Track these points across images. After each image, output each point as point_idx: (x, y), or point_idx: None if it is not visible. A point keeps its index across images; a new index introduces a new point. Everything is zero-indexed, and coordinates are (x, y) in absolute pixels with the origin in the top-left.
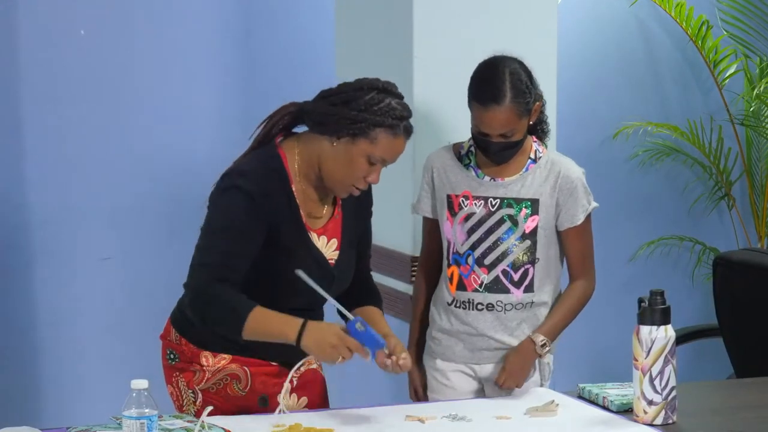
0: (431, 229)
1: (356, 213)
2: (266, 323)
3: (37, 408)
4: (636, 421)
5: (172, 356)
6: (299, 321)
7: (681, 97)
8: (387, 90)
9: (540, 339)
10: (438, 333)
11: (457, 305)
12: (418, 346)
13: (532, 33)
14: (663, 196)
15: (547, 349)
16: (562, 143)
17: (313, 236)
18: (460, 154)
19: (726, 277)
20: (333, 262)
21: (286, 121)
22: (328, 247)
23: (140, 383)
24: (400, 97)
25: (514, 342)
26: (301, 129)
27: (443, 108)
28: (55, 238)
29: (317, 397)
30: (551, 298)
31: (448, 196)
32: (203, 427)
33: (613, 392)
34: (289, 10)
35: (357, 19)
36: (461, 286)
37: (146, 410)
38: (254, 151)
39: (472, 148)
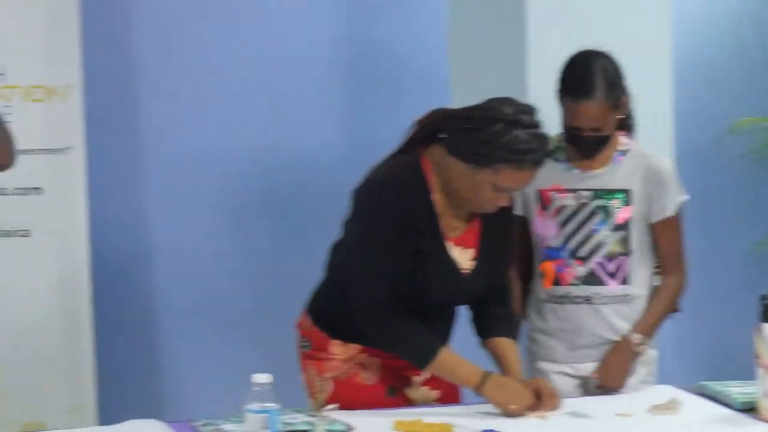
0: (521, 226)
1: (496, 222)
2: (451, 367)
3: (161, 401)
4: (761, 419)
5: (305, 344)
6: (481, 372)
7: None
8: (516, 121)
9: (636, 338)
10: (536, 334)
11: (553, 301)
12: None
13: (647, 28)
14: None
15: (644, 347)
16: (677, 139)
17: (449, 245)
18: None
19: None
20: (467, 271)
21: (430, 128)
22: (464, 257)
23: (262, 377)
24: (533, 125)
25: (614, 337)
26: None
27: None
28: (176, 233)
29: (449, 391)
30: (647, 291)
31: (538, 191)
32: (324, 421)
33: (737, 390)
34: (400, 6)
35: (470, 14)
36: (556, 281)
37: (268, 404)
38: (398, 157)
39: (561, 143)
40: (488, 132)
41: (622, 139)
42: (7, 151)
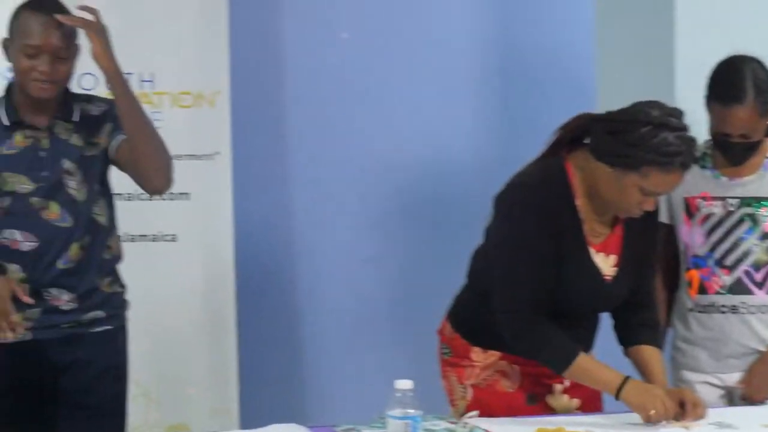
0: (667, 234)
1: (640, 228)
2: (590, 372)
3: (303, 405)
4: None
5: (445, 351)
6: (620, 377)
7: None
8: (664, 124)
9: None
10: (681, 343)
11: (699, 310)
12: None
13: None
14: None
15: None
16: None
17: (592, 251)
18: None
19: None
20: (610, 278)
21: (575, 133)
22: (606, 263)
23: (405, 383)
24: (681, 128)
25: (760, 347)
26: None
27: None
28: (319, 237)
29: (590, 400)
30: None
31: (685, 199)
32: (466, 428)
33: None
34: (547, 8)
35: (617, 18)
36: (702, 290)
37: (410, 410)
38: (541, 162)
39: (708, 150)
40: (635, 134)
41: None
42: (166, 174)
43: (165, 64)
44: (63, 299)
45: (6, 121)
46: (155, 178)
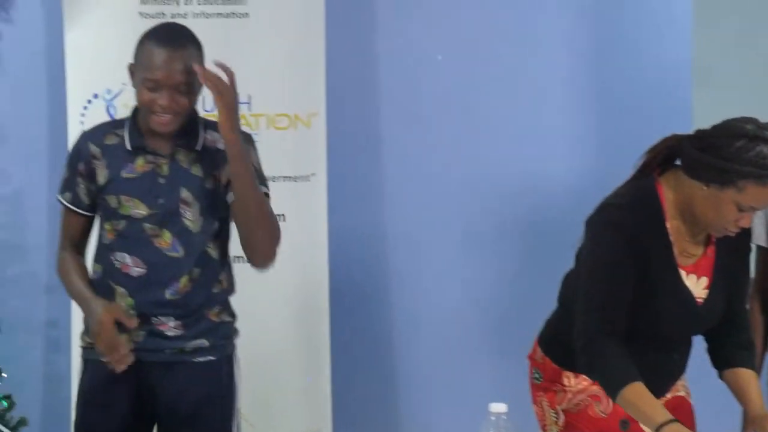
0: (764, 257)
1: (732, 249)
2: (639, 402)
3: (396, 427)
4: None
5: (537, 375)
6: (666, 417)
7: None
8: (759, 137)
9: None
10: None
11: None
12: None
13: None
14: None
15: None
16: None
17: (683, 274)
18: None
19: None
20: (701, 300)
21: (665, 154)
22: (698, 286)
23: (499, 407)
24: None
25: None
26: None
27: None
28: (413, 258)
29: (683, 425)
30: None
31: None
32: None
33: None
34: (643, 29)
35: (716, 38)
36: None
37: None
38: (632, 183)
39: None
40: (730, 149)
41: None
42: (271, 258)
43: (262, 86)
44: (169, 325)
45: (129, 146)
46: (257, 259)
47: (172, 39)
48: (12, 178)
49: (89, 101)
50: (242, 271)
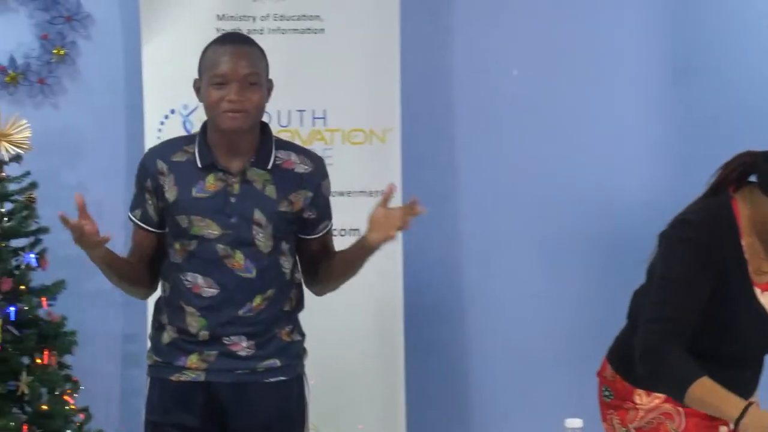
0: None
1: None
2: (710, 396)
3: None
4: None
5: (607, 393)
6: (742, 403)
7: None
8: None
9: None
10: None
11: None
12: None
13: None
14: None
15: None
16: None
17: (758, 291)
18: None
19: None
20: None
21: (740, 171)
22: None
23: (575, 422)
24: None
25: None
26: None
27: None
28: (488, 272)
29: None
30: None
31: None
32: None
33: None
34: (723, 42)
35: None
36: None
37: None
38: (707, 199)
39: None
40: None
41: None
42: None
43: (337, 101)
44: (241, 345)
45: (199, 163)
46: (320, 293)
47: (234, 38)
48: (90, 192)
49: (166, 117)
50: None
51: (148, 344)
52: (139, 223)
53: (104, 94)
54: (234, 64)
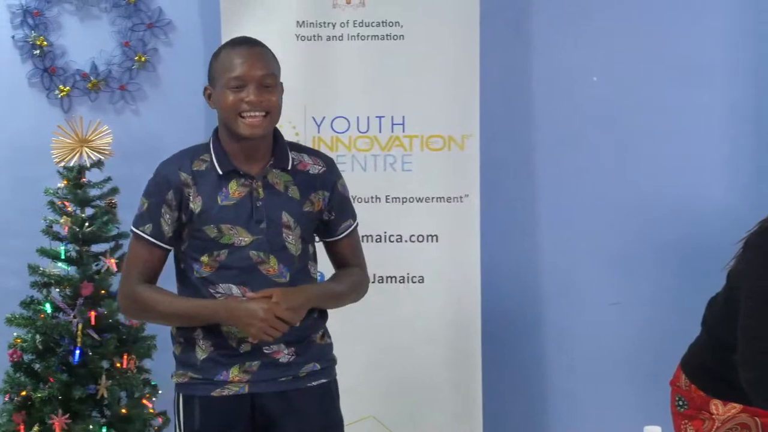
0: None
1: None
2: None
3: None
4: None
5: (680, 403)
6: None
7: None
8: None
9: None
10: None
11: None
12: None
13: None
14: None
15: None
16: None
17: None
18: None
19: None
20: None
21: None
22: None
23: (654, 430)
24: None
25: None
26: None
27: None
28: (565, 280)
29: None
30: None
31: None
32: None
33: None
34: None
35: None
36: None
37: None
38: None
39: None
40: None
41: None
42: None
43: (416, 108)
44: (282, 351)
45: (219, 170)
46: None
47: (247, 40)
48: None
49: None
50: (396, 290)
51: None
52: (149, 238)
53: (184, 101)
54: (250, 65)
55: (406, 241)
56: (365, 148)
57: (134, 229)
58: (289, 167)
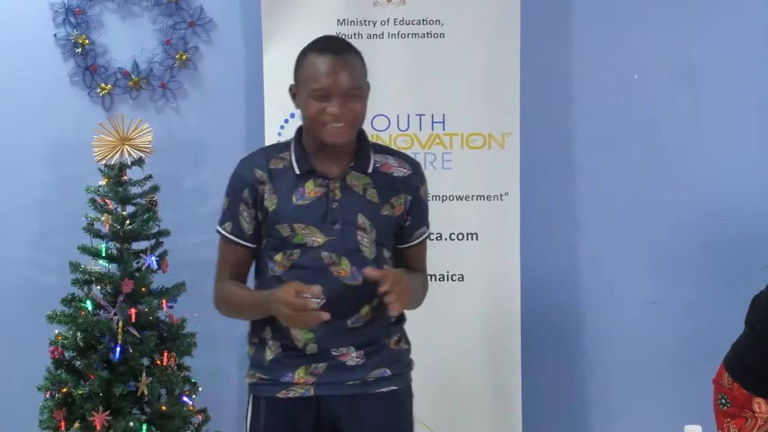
0: None
1: None
2: None
3: None
4: None
5: (723, 401)
6: None
7: None
8: None
9: None
10: None
11: None
12: None
13: None
14: None
15: None
16: None
17: None
18: None
19: None
20: None
21: None
22: None
23: (694, 429)
24: None
25: None
26: None
27: None
28: (604, 278)
29: None
30: None
31: None
32: None
33: None
34: None
35: None
36: None
37: None
38: None
39: None
40: None
41: None
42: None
43: (457, 106)
44: (350, 355)
45: (297, 170)
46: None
47: (334, 46)
48: (210, 196)
49: (286, 121)
50: (436, 288)
51: (248, 363)
52: (230, 236)
53: (225, 99)
54: (335, 78)
55: (446, 239)
56: (405, 146)
57: (218, 228)
58: (370, 170)
